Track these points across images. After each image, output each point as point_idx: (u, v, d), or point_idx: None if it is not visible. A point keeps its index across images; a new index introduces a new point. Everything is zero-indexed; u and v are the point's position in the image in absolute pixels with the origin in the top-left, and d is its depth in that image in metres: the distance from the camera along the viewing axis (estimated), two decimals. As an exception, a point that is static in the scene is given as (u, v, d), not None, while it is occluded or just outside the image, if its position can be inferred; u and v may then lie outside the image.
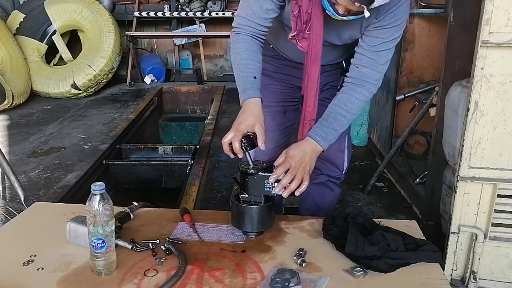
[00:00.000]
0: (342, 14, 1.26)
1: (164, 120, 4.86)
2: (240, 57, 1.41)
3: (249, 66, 1.41)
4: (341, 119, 1.45)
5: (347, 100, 1.45)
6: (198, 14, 5.66)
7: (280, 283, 1.15)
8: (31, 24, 5.06)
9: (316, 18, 1.33)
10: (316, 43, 1.37)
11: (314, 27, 1.35)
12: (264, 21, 1.40)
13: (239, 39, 1.42)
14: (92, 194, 1.14)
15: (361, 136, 3.85)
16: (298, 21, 1.35)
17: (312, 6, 1.32)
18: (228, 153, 1.34)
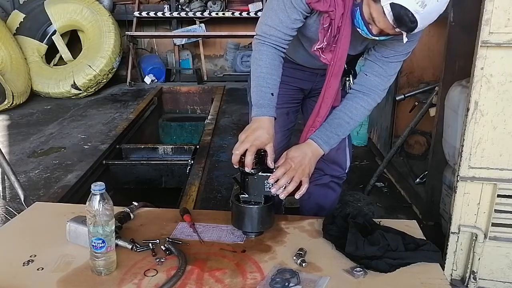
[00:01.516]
0: (375, 35, 1.26)
1: (164, 120, 4.86)
2: (261, 69, 1.40)
3: (269, 81, 1.40)
4: (345, 125, 1.46)
5: (353, 107, 1.47)
6: (198, 14, 5.66)
7: (280, 283, 1.15)
8: (31, 24, 5.06)
9: (345, 33, 1.33)
10: (342, 56, 1.37)
11: (342, 41, 1.34)
12: (291, 30, 1.39)
13: (262, 50, 1.41)
14: (92, 194, 1.14)
15: (361, 136, 3.85)
16: (327, 34, 1.34)
17: (343, 20, 1.31)
18: (235, 163, 1.33)
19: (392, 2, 1.13)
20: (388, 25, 1.19)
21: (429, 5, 1.11)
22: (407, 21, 1.14)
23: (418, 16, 1.13)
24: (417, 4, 1.11)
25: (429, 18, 1.16)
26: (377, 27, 1.23)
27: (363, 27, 1.26)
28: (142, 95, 4.83)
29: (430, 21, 1.18)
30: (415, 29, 1.17)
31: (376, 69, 1.44)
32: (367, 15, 1.24)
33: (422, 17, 1.13)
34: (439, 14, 1.17)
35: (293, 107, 1.73)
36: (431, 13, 1.14)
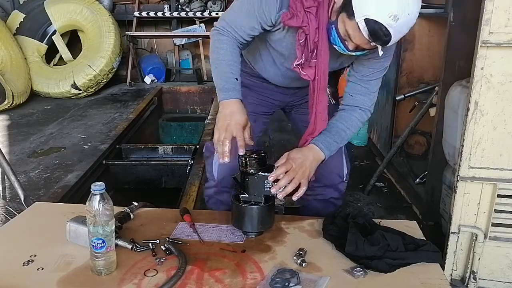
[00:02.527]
0: (352, 50, 1.30)
1: (164, 120, 4.86)
2: (223, 57, 1.42)
3: (232, 67, 1.42)
4: (342, 134, 1.50)
5: (348, 118, 1.52)
6: (198, 14, 5.66)
7: (280, 283, 1.15)
8: (31, 24, 5.06)
9: (323, 47, 1.35)
10: (324, 70, 1.39)
11: (322, 55, 1.36)
12: (247, 36, 1.43)
13: (222, 39, 1.43)
14: (92, 194, 1.14)
15: (361, 136, 3.85)
16: (304, 50, 1.37)
17: (318, 35, 1.34)
18: (222, 154, 1.35)
19: (366, 18, 1.17)
20: (364, 40, 1.23)
21: (401, 18, 1.16)
22: (382, 35, 1.19)
23: (391, 29, 1.17)
24: (390, 18, 1.15)
25: (401, 31, 1.21)
26: (353, 42, 1.27)
27: (340, 43, 1.30)
28: (142, 95, 4.83)
29: (402, 34, 1.22)
30: (390, 42, 1.22)
31: (359, 89, 1.51)
32: (342, 32, 1.27)
33: (395, 30, 1.18)
34: (410, 28, 1.22)
35: (263, 117, 1.75)
36: (403, 26, 1.19)
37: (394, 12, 1.15)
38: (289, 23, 1.33)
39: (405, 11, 1.16)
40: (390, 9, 1.15)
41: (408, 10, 1.17)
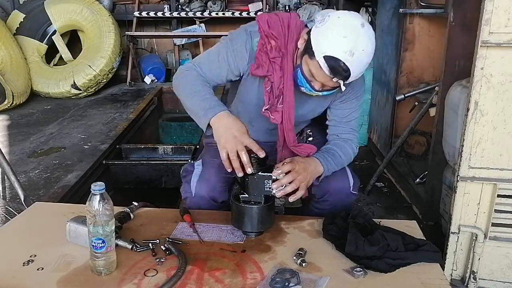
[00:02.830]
0: (318, 90, 1.40)
1: (164, 120, 4.85)
2: (196, 87, 1.46)
3: (208, 92, 1.46)
4: (337, 157, 1.55)
5: (341, 145, 1.59)
6: (198, 14, 5.65)
7: (280, 283, 1.15)
8: (31, 24, 5.05)
9: (288, 93, 1.46)
10: (290, 114, 1.49)
11: (287, 100, 1.47)
12: (214, 81, 1.53)
13: (192, 74, 1.50)
14: (92, 194, 1.15)
15: (361, 136, 3.85)
16: (271, 96, 1.48)
17: (283, 82, 1.45)
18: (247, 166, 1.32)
19: (324, 55, 1.29)
20: (326, 77, 1.34)
21: (356, 54, 1.28)
22: (341, 70, 1.30)
23: (349, 64, 1.28)
24: (346, 54, 1.27)
25: (359, 66, 1.32)
26: (317, 81, 1.37)
27: (306, 84, 1.40)
28: (142, 95, 4.82)
29: (360, 69, 1.33)
30: (350, 77, 1.32)
31: (343, 129, 1.61)
32: (307, 73, 1.38)
33: (352, 64, 1.29)
34: (367, 64, 1.34)
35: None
36: (359, 61, 1.30)
37: (348, 48, 1.27)
38: (256, 72, 1.46)
39: (359, 48, 1.28)
40: (345, 46, 1.27)
41: (362, 46, 1.28)
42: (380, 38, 3.43)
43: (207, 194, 1.56)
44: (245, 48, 1.47)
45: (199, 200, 1.57)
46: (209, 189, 1.56)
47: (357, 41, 1.28)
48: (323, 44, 1.30)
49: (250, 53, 1.47)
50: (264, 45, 1.43)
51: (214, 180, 1.58)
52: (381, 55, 3.41)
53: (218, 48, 1.53)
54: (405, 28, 2.93)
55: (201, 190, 1.57)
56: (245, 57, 1.48)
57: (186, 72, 1.51)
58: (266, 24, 1.44)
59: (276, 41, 1.43)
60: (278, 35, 1.43)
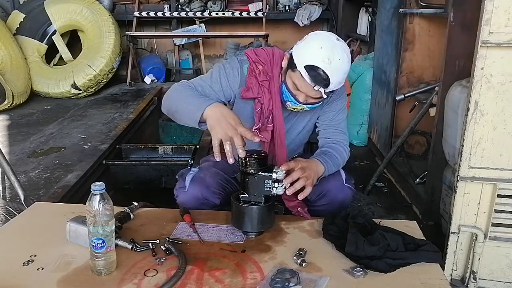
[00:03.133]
0: (303, 102, 1.50)
1: (164, 120, 4.85)
2: (188, 93, 1.53)
3: (201, 94, 1.55)
4: (334, 158, 1.60)
5: (335, 148, 1.64)
6: (198, 14, 5.66)
7: (280, 283, 1.15)
8: (31, 24, 5.06)
9: (277, 112, 1.60)
10: (280, 131, 1.62)
11: (277, 119, 1.60)
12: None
13: (185, 87, 1.57)
14: (92, 194, 1.15)
15: (361, 136, 3.85)
16: (261, 116, 1.60)
17: (272, 103, 1.58)
18: (219, 154, 1.37)
19: (305, 65, 1.41)
20: (308, 87, 1.44)
21: (333, 62, 1.40)
22: (321, 78, 1.41)
23: (327, 71, 1.39)
24: (324, 62, 1.39)
25: (338, 74, 1.42)
26: (301, 92, 1.48)
27: (291, 98, 1.51)
28: (142, 95, 4.82)
29: (339, 77, 1.43)
30: (330, 84, 1.42)
31: (333, 131, 1.68)
32: (291, 86, 1.50)
33: (331, 72, 1.40)
34: (345, 74, 1.46)
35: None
36: (337, 70, 1.41)
37: (326, 56, 1.39)
38: (246, 95, 1.58)
39: (336, 57, 1.40)
40: (322, 54, 1.40)
41: (338, 56, 1.41)
42: (380, 38, 3.43)
43: (200, 193, 1.58)
44: (237, 71, 1.61)
45: (191, 196, 1.59)
46: (203, 187, 1.59)
47: (333, 51, 1.41)
48: (303, 55, 1.43)
49: (241, 77, 1.61)
50: (253, 70, 1.58)
51: (209, 181, 1.61)
52: (381, 55, 3.41)
53: (211, 72, 1.65)
54: (405, 28, 2.93)
55: (195, 187, 1.59)
56: (237, 80, 1.61)
57: (178, 87, 1.58)
58: (253, 53, 1.61)
59: (263, 66, 1.58)
60: (264, 61, 1.59)
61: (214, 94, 1.60)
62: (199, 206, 1.59)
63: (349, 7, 5.09)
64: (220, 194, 1.63)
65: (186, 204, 1.58)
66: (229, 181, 1.70)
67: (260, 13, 5.67)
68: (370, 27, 4.40)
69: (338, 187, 1.60)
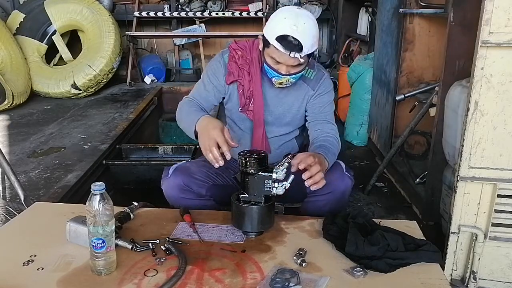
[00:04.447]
0: (286, 74, 1.58)
1: (164, 120, 4.85)
2: (186, 111, 1.70)
3: (195, 109, 1.70)
4: (331, 151, 1.62)
5: (329, 140, 1.66)
6: (198, 14, 5.65)
7: (280, 283, 1.15)
8: (31, 24, 5.05)
9: (257, 93, 1.71)
10: (259, 111, 1.73)
11: (256, 100, 1.72)
12: (207, 103, 1.76)
13: (186, 104, 1.74)
14: (92, 194, 1.15)
15: (361, 136, 3.85)
16: (242, 97, 1.73)
17: (252, 85, 1.71)
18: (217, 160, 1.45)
19: (275, 37, 1.51)
20: (285, 56, 1.52)
21: (299, 27, 1.49)
22: (292, 44, 1.49)
23: (296, 35, 1.48)
24: (291, 29, 1.48)
25: (307, 37, 1.50)
26: (281, 64, 1.56)
27: (274, 73, 1.60)
28: (142, 95, 4.82)
29: (310, 40, 1.50)
30: (304, 48, 1.49)
31: (320, 122, 1.74)
32: (270, 62, 1.59)
33: (300, 36, 1.48)
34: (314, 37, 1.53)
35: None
36: (306, 33, 1.49)
37: (292, 24, 1.49)
38: (228, 79, 1.72)
39: (301, 22, 1.49)
40: (288, 23, 1.49)
41: (303, 21, 1.50)
42: (380, 38, 3.43)
43: (181, 180, 1.63)
44: (220, 63, 1.75)
45: (173, 184, 1.63)
46: (185, 175, 1.64)
47: (297, 18, 1.50)
48: (271, 29, 1.54)
49: (224, 66, 1.74)
50: (233, 56, 1.72)
51: (193, 170, 1.68)
52: (381, 55, 3.41)
53: (201, 77, 1.80)
54: (405, 28, 2.93)
55: (177, 174, 1.65)
56: (221, 71, 1.74)
57: (182, 104, 1.75)
58: (234, 43, 1.76)
59: (242, 51, 1.71)
60: (243, 47, 1.73)
61: (211, 95, 1.75)
62: (183, 195, 1.62)
63: (349, 7, 5.09)
64: (206, 183, 1.68)
65: (169, 193, 1.63)
66: (219, 174, 1.74)
67: (260, 13, 5.66)
68: (370, 27, 4.40)
69: (338, 176, 1.62)
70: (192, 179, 1.65)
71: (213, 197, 1.70)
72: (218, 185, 1.73)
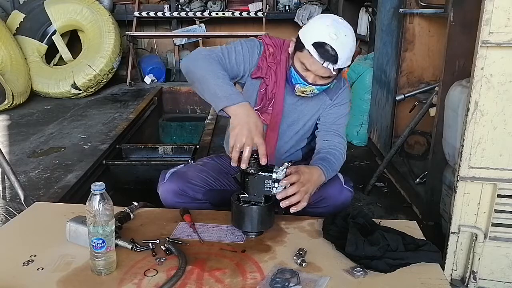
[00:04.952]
0: (312, 83, 1.50)
1: (164, 120, 4.85)
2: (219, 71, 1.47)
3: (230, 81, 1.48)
4: (333, 165, 1.57)
5: (333, 153, 1.60)
6: (198, 14, 5.66)
7: (280, 283, 1.15)
8: (31, 24, 5.06)
9: (279, 97, 1.62)
10: (277, 116, 1.64)
11: (277, 103, 1.62)
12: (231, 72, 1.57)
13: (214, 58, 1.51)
14: (92, 194, 1.14)
15: (361, 136, 3.84)
16: (264, 98, 1.62)
17: (276, 87, 1.61)
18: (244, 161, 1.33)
19: (313, 43, 1.42)
20: (318, 65, 1.44)
21: (340, 37, 1.41)
22: (329, 54, 1.41)
23: (335, 46, 1.41)
24: (331, 38, 1.41)
25: (345, 50, 1.43)
26: (310, 72, 1.48)
27: (300, 80, 1.52)
28: (142, 95, 4.82)
29: (346, 53, 1.44)
30: (339, 60, 1.42)
31: (331, 133, 1.66)
32: (299, 67, 1.50)
33: (338, 47, 1.41)
34: (351, 51, 1.47)
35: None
36: (344, 45, 1.42)
37: (333, 32, 1.41)
38: (256, 74, 1.61)
39: (341, 33, 1.42)
40: (329, 31, 1.42)
41: (344, 32, 1.43)
42: (380, 38, 3.43)
43: (177, 185, 1.60)
44: (257, 49, 1.63)
45: (169, 188, 1.61)
46: (181, 180, 1.61)
47: (338, 27, 1.43)
48: (310, 34, 1.45)
49: (258, 55, 1.62)
50: (264, 51, 1.61)
51: (190, 175, 1.63)
52: (381, 55, 3.41)
53: (232, 45, 1.61)
54: (405, 28, 2.93)
55: (173, 179, 1.62)
56: (255, 58, 1.62)
57: (208, 55, 1.51)
58: (267, 37, 1.67)
59: (274, 49, 1.62)
60: (275, 45, 1.63)
61: (235, 69, 1.59)
62: (179, 199, 1.60)
63: (349, 7, 5.09)
64: (202, 188, 1.65)
65: (164, 198, 1.61)
66: (217, 179, 1.71)
67: (260, 13, 5.67)
68: (370, 27, 4.40)
69: (337, 191, 1.60)
70: (188, 184, 1.61)
71: (209, 201, 1.68)
72: (215, 190, 1.69)
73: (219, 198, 1.67)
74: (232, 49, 1.59)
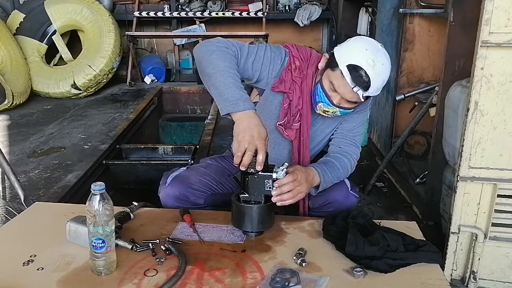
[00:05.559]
0: (336, 104, 1.45)
1: (164, 120, 4.85)
2: (232, 70, 1.41)
3: (242, 84, 1.42)
4: (336, 170, 1.55)
5: (340, 159, 1.58)
6: (198, 14, 5.65)
7: (280, 283, 1.15)
8: (31, 24, 5.05)
9: (305, 112, 1.54)
10: (307, 132, 1.58)
11: (305, 120, 1.56)
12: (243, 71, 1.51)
13: (230, 54, 1.44)
14: (92, 194, 1.14)
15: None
16: (288, 113, 1.55)
17: (302, 103, 1.53)
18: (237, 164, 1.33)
19: (348, 64, 1.37)
20: (347, 88, 1.39)
21: (377, 65, 1.36)
22: (362, 80, 1.36)
23: (370, 73, 1.36)
24: (368, 63, 1.36)
25: (378, 80, 1.38)
26: (337, 93, 1.43)
27: (325, 99, 1.46)
28: (142, 95, 4.82)
29: (379, 83, 1.39)
30: (370, 88, 1.37)
31: (347, 141, 1.63)
32: (327, 86, 1.44)
33: (373, 74, 1.36)
34: (384, 82, 1.41)
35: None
36: (379, 74, 1.38)
37: (371, 58, 1.36)
38: (278, 87, 1.52)
39: (379, 61, 1.37)
40: (367, 56, 1.36)
41: (382, 61, 1.38)
42: (380, 38, 3.42)
43: (178, 190, 1.58)
44: (280, 60, 1.54)
45: (170, 193, 1.59)
46: (183, 185, 1.59)
47: (377, 54, 1.38)
48: (347, 54, 1.39)
49: (281, 67, 1.54)
50: (290, 64, 1.53)
51: (192, 179, 1.61)
52: (381, 55, 3.41)
53: (256, 48, 1.52)
54: (405, 28, 2.93)
55: (175, 184, 1.59)
56: (277, 69, 1.54)
57: (225, 49, 1.44)
58: (294, 48, 1.56)
59: (300, 63, 1.53)
60: (303, 58, 1.54)
61: (249, 72, 1.51)
62: (179, 204, 1.58)
63: (349, 7, 5.08)
64: (204, 193, 1.62)
65: (164, 202, 1.60)
66: (220, 183, 1.68)
67: (260, 13, 5.67)
68: (370, 27, 4.39)
69: (343, 196, 1.58)
70: (190, 190, 1.59)
71: (211, 205, 1.66)
72: (217, 194, 1.67)
73: (222, 201, 1.65)
74: (253, 52, 1.51)
